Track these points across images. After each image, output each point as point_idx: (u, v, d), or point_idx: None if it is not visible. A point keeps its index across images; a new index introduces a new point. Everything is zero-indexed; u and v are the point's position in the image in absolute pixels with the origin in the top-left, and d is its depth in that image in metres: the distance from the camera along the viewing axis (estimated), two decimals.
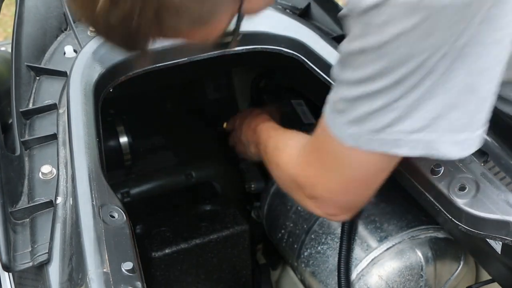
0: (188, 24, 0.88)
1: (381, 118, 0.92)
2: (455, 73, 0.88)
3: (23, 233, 1.07)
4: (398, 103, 0.90)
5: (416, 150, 0.94)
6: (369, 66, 0.89)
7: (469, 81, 0.89)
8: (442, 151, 0.94)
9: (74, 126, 1.20)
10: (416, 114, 0.91)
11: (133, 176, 1.77)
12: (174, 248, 1.54)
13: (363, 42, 0.88)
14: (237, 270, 1.64)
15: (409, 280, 1.32)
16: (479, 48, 0.87)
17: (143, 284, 0.97)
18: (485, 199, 1.02)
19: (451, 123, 0.92)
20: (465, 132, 0.93)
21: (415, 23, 0.83)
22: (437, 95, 0.90)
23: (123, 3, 0.81)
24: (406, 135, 0.93)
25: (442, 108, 0.90)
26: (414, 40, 0.85)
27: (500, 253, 1.06)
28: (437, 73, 0.88)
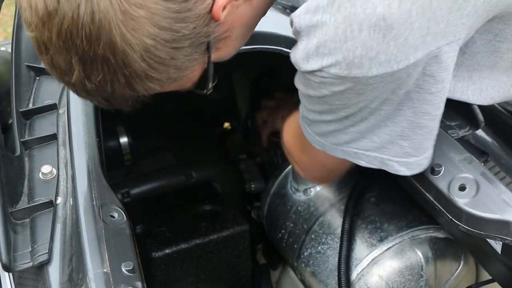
0: (159, 85, 0.94)
1: (339, 137, 1.04)
2: (402, 112, 0.98)
3: (23, 233, 1.07)
4: (349, 129, 1.01)
5: (372, 163, 1.06)
6: (317, 105, 0.99)
7: (415, 120, 0.99)
8: (394, 169, 1.06)
9: (74, 126, 1.20)
10: (368, 138, 1.02)
11: (133, 176, 1.77)
12: (174, 248, 1.54)
13: (307, 91, 0.97)
14: (237, 270, 1.64)
15: (409, 280, 1.32)
16: (424, 95, 0.97)
17: (143, 284, 0.97)
18: (485, 199, 1.02)
19: (401, 149, 1.03)
20: (413, 157, 1.05)
21: (346, 88, 0.91)
22: (386, 126, 1.00)
23: (94, 76, 0.89)
24: (363, 151, 1.05)
25: (391, 136, 1.02)
26: (347, 97, 0.93)
27: (500, 253, 1.06)
28: (382, 112, 0.98)
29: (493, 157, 1.26)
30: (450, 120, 1.19)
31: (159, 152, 1.86)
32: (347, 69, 0.88)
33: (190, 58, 0.93)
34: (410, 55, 0.88)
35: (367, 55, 0.87)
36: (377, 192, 1.41)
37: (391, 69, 0.89)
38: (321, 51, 0.88)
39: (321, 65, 0.89)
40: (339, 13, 0.86)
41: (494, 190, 1.02)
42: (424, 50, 0.89)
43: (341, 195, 1.44)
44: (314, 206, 1.47)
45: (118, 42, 0.86)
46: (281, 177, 1.56)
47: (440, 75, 0.94)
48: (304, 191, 1.49)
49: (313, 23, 0.88)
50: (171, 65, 0.92)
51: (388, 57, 0.87)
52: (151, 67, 0.90)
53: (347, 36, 0.86)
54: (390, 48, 0.87)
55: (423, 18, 0.87)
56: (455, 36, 0.91)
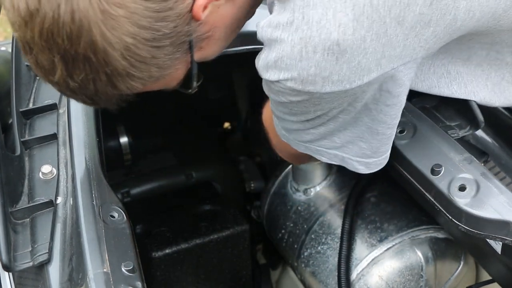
0: (141, 83, 0.95)
1: (301, 136, 1.08)
2: (360, 120, 1.03)
3: (23, 233, 1.07)
4: (310, 131, 1.06)
5: (333, 160, 1.11)
6: (279, 107, 1.03)
7: (372, 126, 1.04)
8: (354, 167, 1.11)
9: (74, 126, 1.20)
10: (329, 138, 1.07)
11: (133, 176, 1.77)
12: (174, 248, 1.54)
13: (269, 93, 1.00)
14: (237, 270, 1.64)
15: (409, 280, 1.32)
16: (381, 106, 1.01)
17: (143, 284, 0.97)
18: (485, 199, 1.02)
19: (360, 150, 1.08)
20: (371, 158, 1.10)
21: (302, 99, 0.95)
22: (346, 130, 1.05)
23: (77, 75, 0.90)
24: (325, 149, 1.10)
25: (351, 138, 1.07)
26: (305, 105, 0.97)
27: (500, 253, 1.06)
28: (340, 120, 1.02)
29: (493, 157, 1.26)
30: (450, 120, 1.19)
31: (159, 152, 1.86)
32: (301, 84, 0.92)
33: (171, 57, 0.94)
34: (364, 76, 0.91)
35: (320, 74, 0.90)
36: (377, 192, 1.41)
37: (343, 88, 0.92)
38: (279, 65, 0.92)
39: (278, 78, 0.93)
40: (296, 33, 0.89)
41: (494, 190, 1.02)
42: (378, 71, 0.92)
43: (341, 195, 1.44)
44: (314, 206, 1.47)
45: (98, 41, 0.87)
46: (281, 177, 1.56)
47: (395, 90, 0.99)
48: (304, 191, 1.50)
49: (273, 38, 0.91)
50: (153, 64, 0.93)
51: (341, 78, 0.91)
52: (132, 65, 0.91)
53: (302, 55, 0.89)
54: (343, 70, 0.90)
55: (377, 44, 0.89)
56: (412, 57, 0.94)
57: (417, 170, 1.10)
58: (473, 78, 1.13)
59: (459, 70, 1.13)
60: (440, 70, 1.13)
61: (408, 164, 1.10)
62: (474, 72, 1.13)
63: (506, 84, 1.15)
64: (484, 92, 1.15)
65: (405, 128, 1.14)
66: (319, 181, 1.48)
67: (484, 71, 1.13)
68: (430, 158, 1.09)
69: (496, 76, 1.14)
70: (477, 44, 1.08)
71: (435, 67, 1.13)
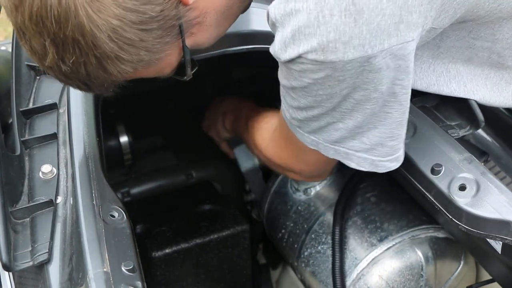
0: (131, 67, 0.96)
1: (331, 133, 1.04)
2: (389, 115, 1.00)
3: (23, 233, 1.07)
4: (338, 125, 1.02)
5: (362, 165, 1.08)
6: (302, 99, 0.99)
7: (402, 119, 1.03)
8: (386, 167, 1.08)
9: (74, 125, 1.20)
10: (358, 139, 1.04)
11: (133, 176, 1.77)
12: (174, 248, 1.54)
13: (290, 83, 0.98)
14: (237, 270, 1.64)
15: (409, 280, 1.32)
16: (409, 90, 0.99)
17: (143, 283, 0.97)
18: (486, 199, 1.02)
19: (390, 148, 1.06)
20: (400, 151, 1.07)
21: (325, 75, 0.92)
22: (375, 128, 1.02)
23: (68, 59, 0.92)
24: (354, 152, 1.06)
25: (381, 139, 1.04)
26: (329, 85, 0.94)
27: (500, 253, 1.06)
28: (368, 111, 0.99)
29: (493, 157, 1.26)
30: (450, 120, 1.19)
31: (159, 152, 1.85)
32: (323, 54, 0.89)
33: (161, 40, 0.95)
34: (384, 40, 0.89)
35: (340, 39, 0.88)
36: (377, 192, 1.41)
37: (365, 53, 0.90)
38: (297, 38, 0.90)
39: (298, 52, 0.91)
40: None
41: (494, 190, 1.02)
42: (398, 38, 0.90)
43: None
44: (314, 205, 1.47)
45: (85, 23, 0.88)
46: (281, 176, 1.56)
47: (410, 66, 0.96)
48: (304, 190, 1.49)
49: (287, 11, 0.90)
50: (142, 47, 0.93)
51: (362, 41, 0.89)
52: (120, 48, 0.91)
53: (319, 21, 0.87)
54: (363, 33, 0.88)
55: (394, 6, 0.88)
56: (423, 27, 0.93)
57: (417, 169, 1.10)
58: (472, 77, 1.14)
59: (459, 69, 1.13)
60: (439, 68, 1.13)
61: (408, 163, 1.10)
62: (473, 72, 1.13)
63: (504, 84, 1.15)
64: (483, 91, 1.15)
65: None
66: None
67: (484, 71, 1.14)
68: (430, 157, 1.09)
69: (495, 76, 1.14)
70: (478, 42, 1.08)
71: (435, 65, 1.13)
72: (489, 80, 1.14)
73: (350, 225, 1.38)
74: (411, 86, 1.13)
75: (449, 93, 1.15)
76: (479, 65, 1.13)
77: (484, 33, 1.07)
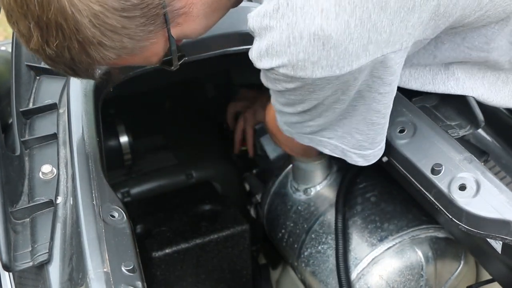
0: (114, 53, 0.96)
1: (302, 129, 1.12)
2: (355, 110, 1.05)
3: (23, 233, 1.07)
4: (309, 123, 1.08)
5: (335, 152, 1.14)
6: (278, 98, 1.05)
7: (367, 116, 1.06)
8: (353, 159, 1.14)
9: (74, 125, 1.20)
10: (328, 130, 1.10)
11: (133, 176, 1.77)
12: (174, 248, 1.54)
13: (267, 83, 1.01)
14: (237, 270, 1.64)
15: (409, 280, 1.32)
16: (374, 94, 1.02)
17: (143, 284, 0.97)
18: (486, 198, 1.02)
19: (357, 142, 1.10)
20: (368, 150, 1.12)
21: (296, 86, 0.96)
22: (344, 119, 1.07)
23: (52, 42, 0.92)
24: (327, 140, 1.12)
25: (348, 130, 1.09)
26: (300, 93, 0.98)
27: (500, 253, 1.06)
28: (337, 110, 1.04)
29: (493, 156, 1.26)
30: (450, 120, 1.19)
31: (159, 152, 1.85)
32: (293, 70, 0.93)
33: (144, 29, 0.95)
34: (353, 62, 0.92)
35: (309, 59, 0.91)
36: (377, 192, 1.41)
37: (333, 74, 0.93)
38: (270, 52, 0.93)
39: (271, 65, 0.94)
40: (283, 20, 0.90)
41: (494, 190, 1.02)
42: (367, 57, 0.93)
43: None
44: (314, 205, 1.47)
45: (67, 7, 0.89)
46: (281, 176, 1.56)
47: (387, 78, 0.99)
48: (304, 190, 1.49)
49: (263, 26, 0.93)
50: (124, 34, 0.94)
51: (330, 63, 0.92)
52: (102, 34, 0.92)
53: (290, 41, 0.91)
54: (331, 55, 0.91)
55: (362, 29, 0.90)
56: (402, 45, 0.95)
57: (417, 169, 1.10)
58: (470, 75, 1.14)
59: (456, 69, 1.14)
60: (436, 68, 1.14)
61: (408, 163, 1.10)
62: (471, 70, 1.14)
63: (501, 84, 1.16)
64: (481, 90, 1.15)
65: (405, 128, 1.14)
66: (319, 180, 1.48)
67: (481, 69, 1.15)
68: (430, 157, 1.09)
69: (492, 75, 1.15)
70: (474, 52, 1.10)
71: (432, 65, 1.14)
72: (486, 79, 1.15)
73: (350, 225, 1.38)
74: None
75: (445, 91, 1.15)
76: (475, 65, 1.14)
77: (478, 41, 1.08)
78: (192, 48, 1.34)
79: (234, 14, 1.12)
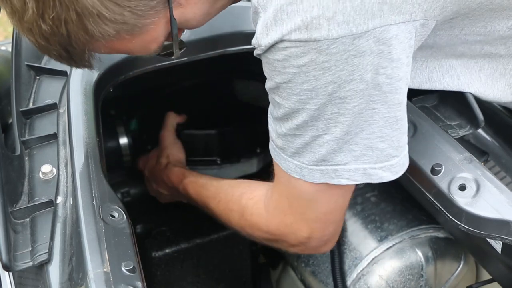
0: (114, 29, 0.93)
1: (316, 151, 0.99)
2: (376, 111, 0.95)
3: (23, 233, 1.07)
4: (324, 138, 0.97)
5: (354, 178, 1.01)
6: (286, 101, 0.96)
7: (390, 115, 0.97)
8: (379, 176, 1.02)
9: (74, 125, 1.20)
10: (346, 149, 0.98)
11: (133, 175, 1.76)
12: (175, 248, 1.54)
13: (274, 80, 0.95)
14: (237, 270, 1.64)
15: (409, 280, 1.32)
16: (394, 81, 0.94)
17: (143, 283, 0.97)
18: (486, 198, 1.02)
19: (381, 153, 0.99)
20: (394, 158, 1.01)
21: (310, 60, 0.89)
22: (363, 131, 0.97)
23: (48, 14, 0.88)
24: (342, 166, 1.00)
25: (369, 140, 0.98)
26: (313, 74, 0.91)
27: (500, 253, 1.06)
28: (355, 109, 0.94)
29: (493, 156, 1.26)
30: (450, 120, 1.19)
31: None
32: (307, 32, 0.87)
33: (146, 3, 0.92)
34: (368, 20, 0.88)
35: (324, 14, 0.87)
36: (377, 192, 1.41)
37: (350, 32, 0.88)
38: (279, 18, 0.88)
39: (281, 33, 0.89)
40: None
41: (494, 190, 1.02)
42: (381, 19, 0.89)
43: None
44: None
45: None
46: None
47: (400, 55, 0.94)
48: None
49: None
50: (125, 6, 0.91)
51: (346, 18, 0.87)
52: (103, 4, 0.89)
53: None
54: (347, 9, 0.87)
55: None
56: (411, 16, 0.92)
57: (417, 169, 1.10)
58: (466, 70, 1.13)
59: (452, 63, 1.13)
60: (432, 64, 1.13)
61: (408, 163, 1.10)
62: (467, 65, 1.13)
63: (498, 76, 1.15)
64: (477, 84, 1.14)
65: None
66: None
67: (478, 63, 1.13)
68: (430, 157, 1.09)
69: (489, 68, 1.14)
70: (471, 37, 1.07)
71: (428, 62, 1.13)
72: (483, 72, 1.14)
73: (350, 225, 1.38)
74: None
75: (442, 87, 1.14)
76: (472, 58, 1.12)
77: (475, 26, 1.05)
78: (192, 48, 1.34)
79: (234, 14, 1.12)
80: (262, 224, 1.17)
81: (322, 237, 1.14)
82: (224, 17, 1.10)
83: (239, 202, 1.22)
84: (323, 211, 1.10)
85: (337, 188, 1.04)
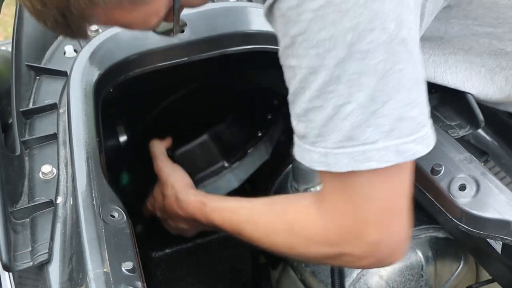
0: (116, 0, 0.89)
1: (340, 127, 0.88)
2: (403, 73, 0.86)
3: (23, 233, 1.07)
4: (347, 108, 0.87)
5: (385, 159, 0.89)
6: (303, 59, 0.87)
7: (416, 76, 0.88)
8: (412, 152, 0.90)
9: (74, 125, 1.20)
10: (374, 121, 0.87)
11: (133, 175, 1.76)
12: (175, 248, 1.54)
13: (289, 34, 0.86)
14: (237, 270, 1.64)
15: (409, 280, 1.32)
16: (411, 34, 0.86)
17: (143, 284, 0.97)
18: (486, 199, 1.02)
19: (413, 121, 0.89)
20: (424, 128, 0.91)
21: (326, 1, 0.82)
22: (390, 100, 0.87)
23: None
24: (372, 145, 0.88)
25: (399, 113, 0.88)
26: (331, 20, 0.83)
27: (500, 253, 1.06)
28: (380, 66, 0.85)
29: (493, 157, 1.26)
30: (450, 120, 1.19)
31: None
32: None
33: None
34: None
35: None
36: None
37: None
38: None
39: None
40: None
41: (494, 190, 1.02)
42: None
43: None
44: None
45: None
46: (281, 176, 1.56)
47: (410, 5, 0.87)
48: (304, 191, 1.49)
49: None
50: None
51: None
52: None
53: None
54: None
55: None
56: None
57: (417, 169, 1.09)
58: (468, 65, 1.13)
59: (458, 59, 1.13)
60: (439, 59, 1.12)
61: None
62: (471, 60, 1.13)
63: (499, 70, 1.14)
64: (474, 80, 1.14)
65: None
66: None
67: (483, 59, 1.13)
68: (430, 157, 1.08)
69: (492, 63, 1.13)
70: (481, 28, 1.06)
71: (435, 56, 1.12)
72: (484, 67, 1.13)
73: None
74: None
75: (442, 83, 1.13)
76: (478, 55, 1.12)
77: (488, 17, 1.03)
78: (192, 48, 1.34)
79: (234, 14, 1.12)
80: (320, 236, 1.00)
81: (390, 236, 0.96)
82: (224, 17, 1.10)
83: (285, 218, 1.06)
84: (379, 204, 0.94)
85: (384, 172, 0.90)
